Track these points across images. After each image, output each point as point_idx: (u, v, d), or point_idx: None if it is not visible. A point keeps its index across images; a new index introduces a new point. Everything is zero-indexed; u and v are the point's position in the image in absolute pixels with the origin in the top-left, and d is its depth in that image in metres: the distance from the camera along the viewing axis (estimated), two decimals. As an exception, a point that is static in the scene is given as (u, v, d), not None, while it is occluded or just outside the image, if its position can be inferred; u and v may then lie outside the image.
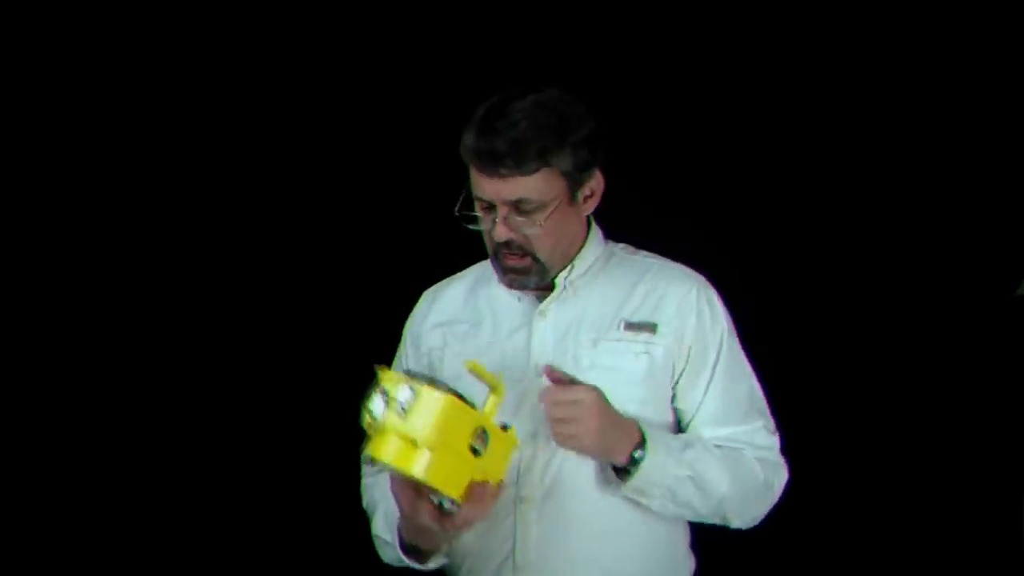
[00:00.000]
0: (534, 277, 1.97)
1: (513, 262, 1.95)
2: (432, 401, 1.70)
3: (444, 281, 2.16)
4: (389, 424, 1.71)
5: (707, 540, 2.09)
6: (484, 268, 2.09)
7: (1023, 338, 3.04)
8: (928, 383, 3.08)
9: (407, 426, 1.70)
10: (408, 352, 2.12)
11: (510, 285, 1.99)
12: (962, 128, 3.07)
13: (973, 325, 3.08)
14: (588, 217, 2.05)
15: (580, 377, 1.91)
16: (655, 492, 1.90)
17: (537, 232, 1.92)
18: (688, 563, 2.06)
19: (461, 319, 2.07)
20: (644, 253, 2.10)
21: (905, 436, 3.10)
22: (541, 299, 2.02)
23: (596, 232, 2.07)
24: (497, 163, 1.88)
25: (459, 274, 2.15)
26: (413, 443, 1.70)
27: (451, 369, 1.99)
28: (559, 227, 1.95)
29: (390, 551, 1.98)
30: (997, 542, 3.02)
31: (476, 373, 1.80)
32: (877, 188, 3.13)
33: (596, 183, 1.99)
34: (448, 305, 2.10)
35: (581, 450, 1.87)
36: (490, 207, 1.93)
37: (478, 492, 1.76)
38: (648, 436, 1.88)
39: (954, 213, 3.09)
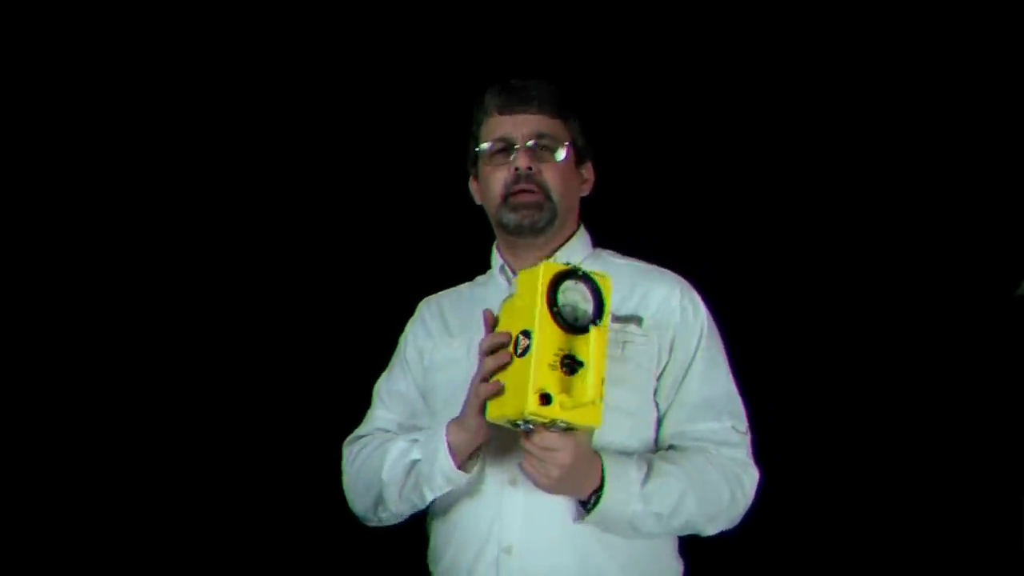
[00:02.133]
0: (546, 215, 2.05)
1: (527, 197, 2.04)
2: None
3: (441, 292, 2.24)
4: None
5: (696, 545, 2.10)
6: (482, 277, 2.20)
7: (1023, 338, 3.04)
8: (928, 383, 3.08)
9: None
10: (407, 347, 2.20)
11: (520, 223, 2.05)
12: (962, 128, 3.07)
13: (973, 325, 3.08)
14: (579, 215, 2.15)
15: None
16: (617, 527, 1.94)
17: (554, 166, 2.05)
18: (676, 565, 2.08)
19: (456, 319, 2.14)
20: (630, 258, 2.16)
21: (905, 436, 3.09)
22: None
23: (584, 235, 2.15)
24: (524, 102, 2.06)
25: (455, 287, 2.23)
26: None
27: (441, 361, 2.09)
28: (568, 178, 2.08)
29: (421, 466, 1.98)
30: (997, 542, 3.02)
31: None
32: (877, 188, 3.13)
33: (589, 172, 2.15)
34: (444, 310, 2.19)
35: (543, 488, 1.89)
36: (503, 149, 2.05)
37: None
38: (607, 475, 1.90)
39: (954, 213, 3.09)
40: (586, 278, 1.79)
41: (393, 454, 2.03)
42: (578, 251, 2.10)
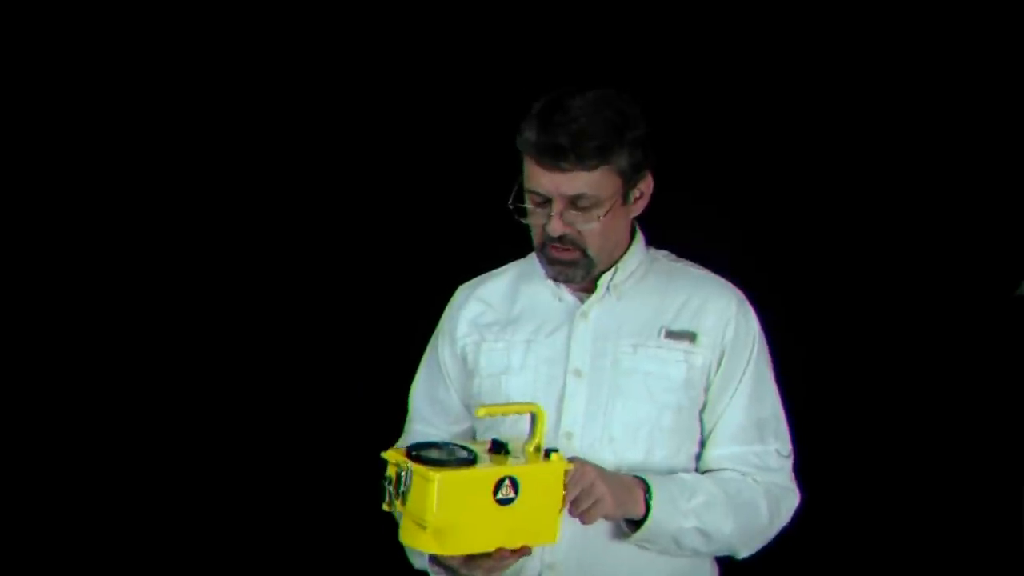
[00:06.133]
0: (580, 271, 1.97)
1: (562, 255, 1.95)
2: (424, 484, 1.69)
3: (482, 276, 2.13)
4: (402, 510, 1.73)
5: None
6: (525, 264, 2.08)
7: (1023, 338, 3.05)
8: (928, 383, 3.09)
9: (411, 510, 1.71)
10: (444, 346, 2.10)
11: (555, 278, 1.99)
12: (962, 128, 3.07)
13: (973, 325, 3.09)
14: (632, 221, 2.04)
15: (619, 380, 1.94)
16: (661, 541, 1.92)
17: (592, 228, 1.93)
18: (712, 571, 2.07)
19: (499, 315, 2.05)
20: (685, 262, 2.09)
21: (905, 436, 3.10)
22: (582, 300, 2.01)
23: (640, 237, 2.06)
24: (559, 157, 1.89)
25: (498, 270, 2.12)
26: (422, 525, 1.71)
27: (486, 365, 2.01)
28: (611, 225, 1.96)
29: (420, 561, 1.95)
30: (997, 542, 3.03)
31: (497, 414, 1.87)
32: (877, 189, 3.13)
33: (646, 185, 2.00)
34: (486, 300, 2.08)
35: (607, 516, 1.87)
36: (544, 201, 1.93)
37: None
38: (653, 489, 1.89)
39: (954, 213, 3.10)
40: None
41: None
42: (633, 260, 2.02)
